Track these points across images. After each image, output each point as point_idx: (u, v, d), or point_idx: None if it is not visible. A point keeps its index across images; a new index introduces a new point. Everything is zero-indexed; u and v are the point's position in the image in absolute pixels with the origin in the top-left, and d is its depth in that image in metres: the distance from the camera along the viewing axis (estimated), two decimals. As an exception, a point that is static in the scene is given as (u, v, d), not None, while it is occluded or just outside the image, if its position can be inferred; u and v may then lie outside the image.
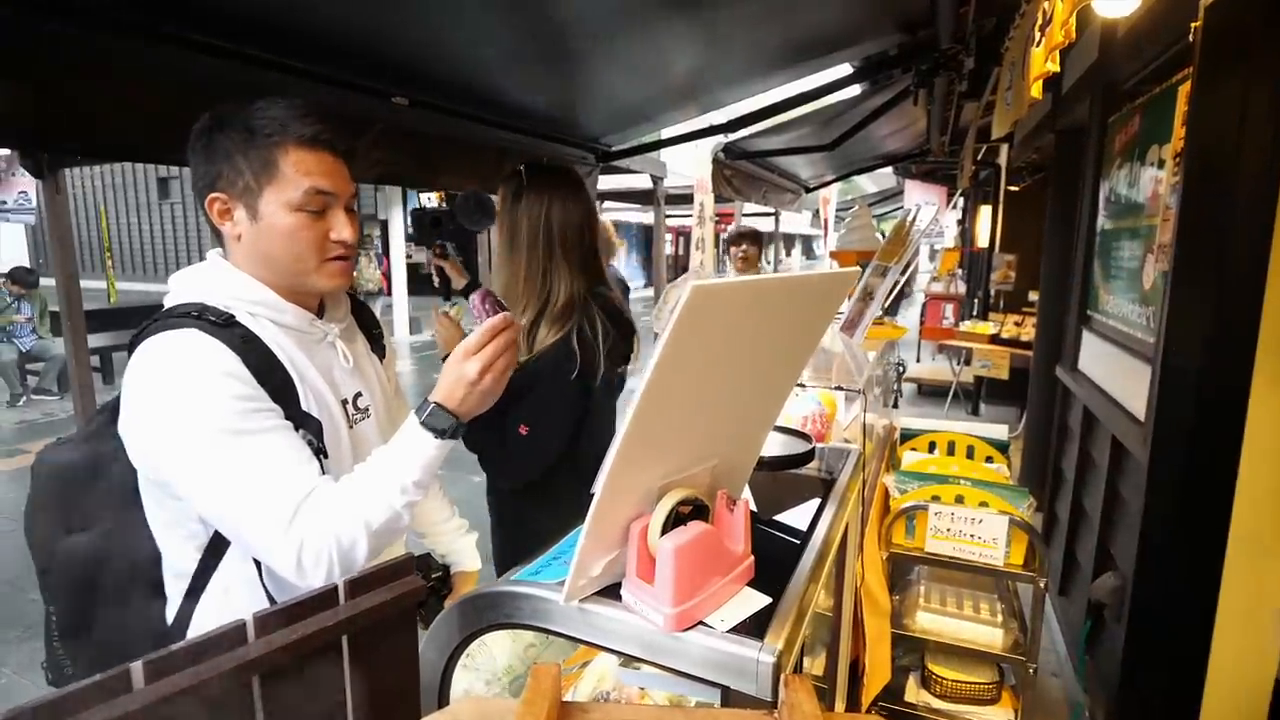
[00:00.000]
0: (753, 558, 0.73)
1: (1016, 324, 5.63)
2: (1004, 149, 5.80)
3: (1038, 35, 1.59)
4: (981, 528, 1.81)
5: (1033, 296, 5.47)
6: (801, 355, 0.79)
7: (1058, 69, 1.45)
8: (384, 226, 12.22)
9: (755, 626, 0.65)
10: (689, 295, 0.48)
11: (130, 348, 0.83)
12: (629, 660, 0.73)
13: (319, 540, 0.80)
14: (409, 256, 11.60)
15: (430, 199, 9.49)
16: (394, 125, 1.97)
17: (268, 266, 0.90)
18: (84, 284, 2.60)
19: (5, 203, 5.88)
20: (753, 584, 0.72)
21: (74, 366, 2.43)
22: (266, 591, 0.88)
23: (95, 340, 5.95)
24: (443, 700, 0.81)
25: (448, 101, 2.12)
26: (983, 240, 7.22)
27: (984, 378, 5.45)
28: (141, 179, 18.18)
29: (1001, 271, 6.28)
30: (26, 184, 5.62)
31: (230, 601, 0.88)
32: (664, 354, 0.51)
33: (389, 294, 11.47)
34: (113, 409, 0.85)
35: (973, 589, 2.07)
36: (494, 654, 1.23)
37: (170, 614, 0.91)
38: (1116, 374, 2.18)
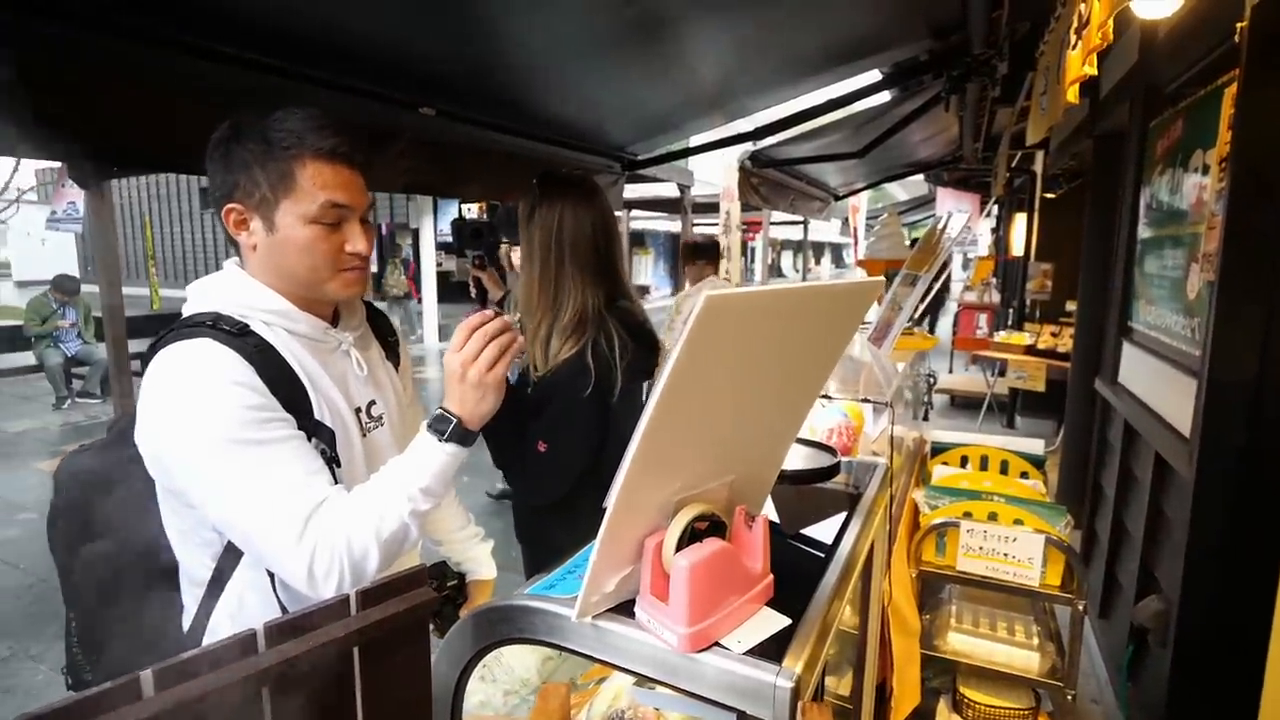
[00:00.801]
0: (772, 576, 0.70)
1: (1053, 335, 5.48)
2: (1039, 155, 5.68)
3: (1074, 38, 1.54)
4: (1016, 546, 1.74)
5: (1070, 306, 5.32)
6: (824, 367, 0.77)
7: (1095, 72, 1.40)
8: (415, 235, 12.44)
9: (774, 648, 0.63)
10: (702, 306, 0.47)
11: (147, 356, 0.84)
12: (644, 679, 0.71)
13: (330, 551, 0.80)
14: (439, 264, 11.78)
15: (471, 209, 9.58)
16: (421, 135, 2.00)
17: (283, 276, 0.90)
18: (128, 290, 2.68)
19: (55, 213, 6.12)
20: (773, 602, 0.70)
21: (115, 371, 2.50)
22: (279, 601, 0.88)
23: (137, 345, 6.13)
24: (455, 713, 0.80)
25: (474, 112, 2.14)
26: (1018, 249, 7.07)
27: (1019, 390, 5.31)
28: (184, 189, 18.80)
29: (1037, 281, 6.13)
30: (75, 195, 5.84)
31: (244, 610, 0.88)
32: (676, 366, 0.50)
33: (417, 298, 11.66)
34: (133, 417, 0.86)
35: (1007, 610, 1.99)
36: (512, 666, 1.22)
37: (186, 621, 0.92)
38: (1159, 387, 2.10)
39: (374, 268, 14.01)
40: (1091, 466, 2.90)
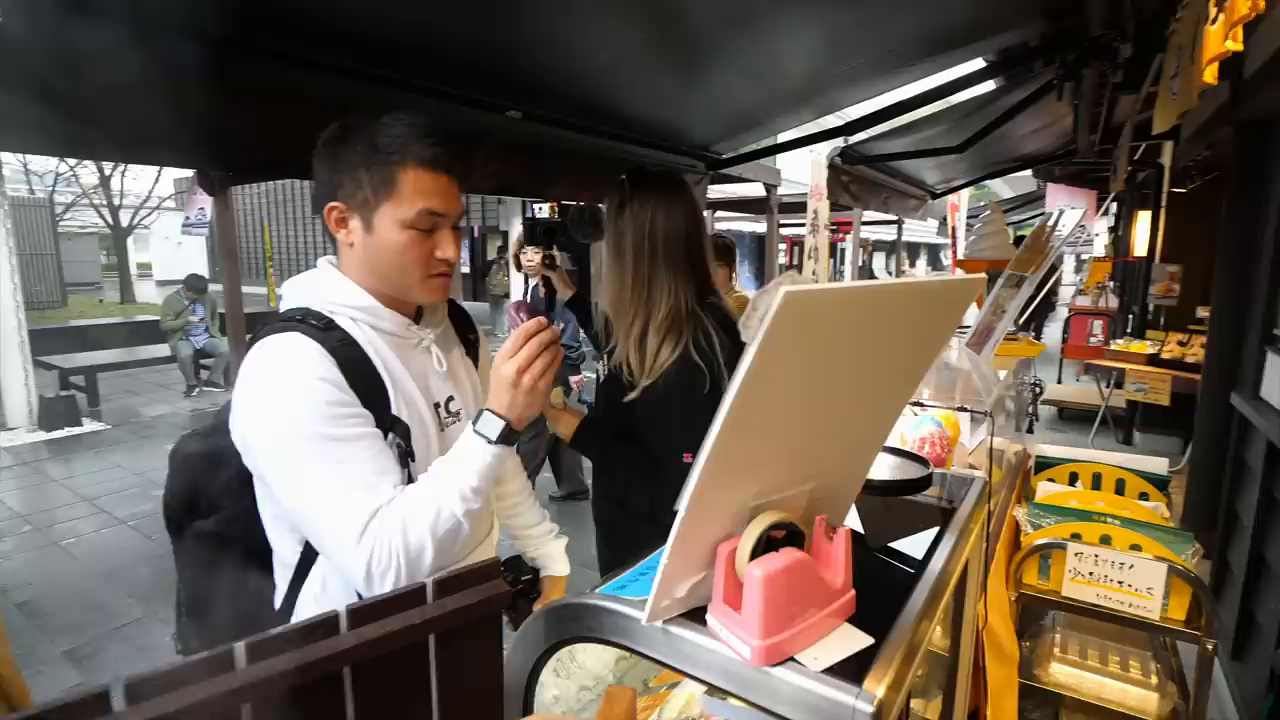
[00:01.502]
0: (854, 592, 0.66)
1: (1180, 343, 4.97)
2: (1167, 146, 5.16)
3: (1213, 11, 1.37)
4: (1133, 574, 1.58)
5: (1202, 313, 4.80)
6: (915, 371, 0.72)
7: (1240, 48, 1.24)
8: (505, 237, 12.89)
9: (854, 668, 0.59)
10: (780, 302, 0.44)
11: (246, 349, 0.90)
12: (716, 688, 0.69)
13: (388, 550, 0.82)
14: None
15: (542, 209, 9.86)
16: (508, 138, 2.05)
17: (374, 275, 0.94)
18: (249, 289, 2.93)
19: (188, 218, 6.76)
20: (855, 619, 0.66)
21: (235, 362, 2.74)
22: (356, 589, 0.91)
23: (256, 339, 6.67)
24: (527, 705, 0.80)
25: (560, 114, 2.17)
26: (1140, 249, 6.45)
27: (1139, 403, 4.84)
28: (299, 194, 20.28)
29: (1163, 284, 5.58)
30: (206, 201, 6.42)
31: (326, 594, 0.92)
32: (752, 365, 0.47)
33: (514, 299, 12.03)
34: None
35: (1120, 643, 1.82)
36: (585, 662, 1.23)
37: (277, 600, 0.97)
38: (1313, 404, 1.85)
39: (465, 268, 14.60)
40: (1225, 490, 2.61)
